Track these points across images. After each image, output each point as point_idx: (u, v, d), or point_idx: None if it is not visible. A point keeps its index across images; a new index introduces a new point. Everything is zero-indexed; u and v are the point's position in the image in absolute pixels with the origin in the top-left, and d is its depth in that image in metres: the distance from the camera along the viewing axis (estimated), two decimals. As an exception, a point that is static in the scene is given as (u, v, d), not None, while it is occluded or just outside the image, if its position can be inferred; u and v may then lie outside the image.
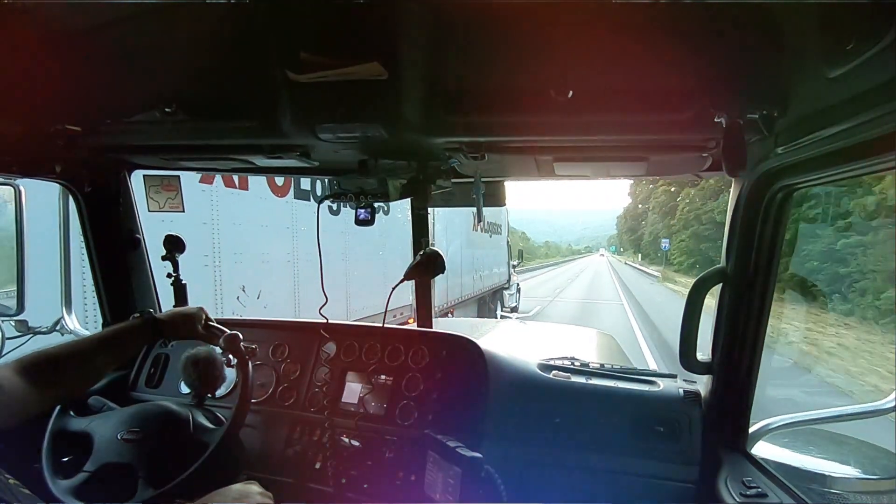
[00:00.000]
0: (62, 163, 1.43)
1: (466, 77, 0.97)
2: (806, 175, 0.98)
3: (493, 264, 10.47)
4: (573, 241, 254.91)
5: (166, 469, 1.13)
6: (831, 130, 0.79)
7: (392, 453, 1.37)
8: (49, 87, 1.08)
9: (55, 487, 1.15)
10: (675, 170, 1.41)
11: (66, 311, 1.82)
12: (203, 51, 0.96)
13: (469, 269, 8.79)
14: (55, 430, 1.25)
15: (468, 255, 8.72)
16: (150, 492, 1.11)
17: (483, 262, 9.66)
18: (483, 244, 9.73)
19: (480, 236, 9.59)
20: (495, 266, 10.63)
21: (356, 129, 1.09)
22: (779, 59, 0.82)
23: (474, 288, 9.12)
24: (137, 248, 1.72)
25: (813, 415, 1.28)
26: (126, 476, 1.15)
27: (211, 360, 1.35)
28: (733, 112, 0.89)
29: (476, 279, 9.19)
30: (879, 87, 0.66)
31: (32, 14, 0.84)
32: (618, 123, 1.04)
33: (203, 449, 1.15)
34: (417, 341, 1.53)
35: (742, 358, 1.23)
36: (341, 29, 0.87)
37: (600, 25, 0.84)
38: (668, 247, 40.74)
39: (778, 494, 1.07)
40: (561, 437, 1.36)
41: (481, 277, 9.50)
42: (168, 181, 1.66)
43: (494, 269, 10.54)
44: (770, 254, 1.15)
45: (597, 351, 2.95)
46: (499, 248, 10.99)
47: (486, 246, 9.99)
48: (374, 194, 1.36)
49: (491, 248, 10.33)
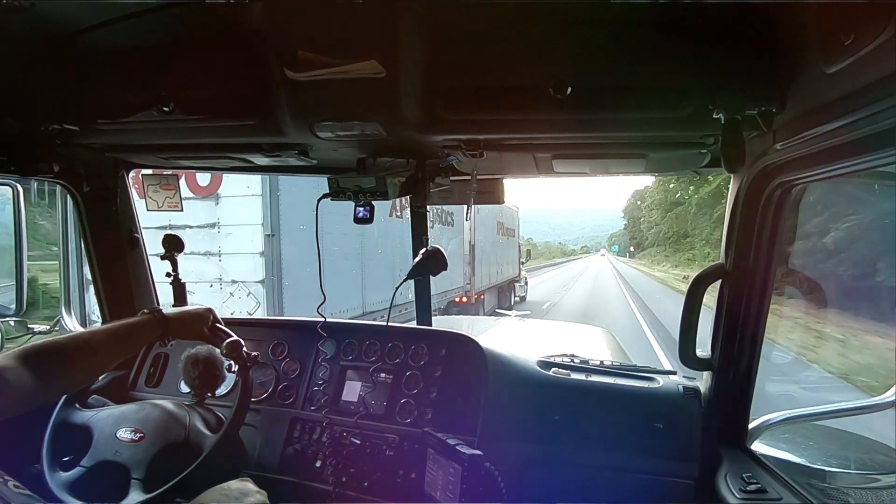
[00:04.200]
0: (60, 162, 1.42)
1: (465, 74, 0.97)
2: (804, 171, 0.98)
3: (509, 261, 13.23)
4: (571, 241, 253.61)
5: (159, 473, 1.13)
6: (830, 126, 0.79)
7: (392, 451, 1.37)
8: (47, 86, 1.08)
9: (52, 479, 1.16)
10: (674, 166, 1.41)
11: (66, 311, 1.82)
12: (201, 49, 0.96)
13: (494, 263, 11.52)
14: (58, 420, 1.26)
15: (493, 254, 11.46)
16: (140, 495, 1.11)
17: (503, 259, 12.44)
18: (503, 244, 12.52)
19: (501, 238, 12.31)
20: (511, 262, 13.41)
21: (354, 127, 1.09)
22: (777, 55, 0.82)
23: (498, 278, 12.02)
24: (136, 247, 1.72)
25: (813, 410, 1.28)
26: (120, 476, 1.15)
27: (211, 359, 1.35)
28: (732, 108, 0.89)
29: (498, 272, 12.01)
30: (878, 82, 0.66)
31: (31, 14, 0.84)
32: (616, 120, 1.04)
33: (197, 455, 1.15)
34: (417, 339, 1.53)
35: (741, 354, 1.23)
36: (339, 27, 0.87)
37: (599, 23, 0.85)
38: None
39: (778, 490, 1.07)
40: (561, 434, 1.36)
41: (501, 271, 12.28)
42: (166, 180, 1.66)
43: (511, 265, 13.34)
44: (769, 250, 1.15)
45: (596, 348, 2.96)
46: (513, 247, 13.76)
47: (505, 246, 12.80)
48: (372, 192, 1.36)
49: (508, 247, 13.13)
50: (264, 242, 4.66)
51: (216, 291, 4.78)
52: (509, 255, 13.22)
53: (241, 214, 4.65)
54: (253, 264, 4.70)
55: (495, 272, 11.63)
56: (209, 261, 4.78)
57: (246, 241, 4.67)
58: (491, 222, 11.23)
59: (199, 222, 4.69)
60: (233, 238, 4.78)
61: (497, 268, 11.77)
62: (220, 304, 4.66)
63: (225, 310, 4.61)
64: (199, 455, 1.15)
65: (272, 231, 4.66)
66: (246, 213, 4.64)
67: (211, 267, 4.75)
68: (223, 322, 1.29)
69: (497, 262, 11.77)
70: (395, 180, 1.35)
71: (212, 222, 4.71)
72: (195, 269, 4.70)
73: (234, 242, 4.78)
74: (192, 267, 4.61)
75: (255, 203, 4.62)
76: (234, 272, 4.74)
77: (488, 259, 10.98)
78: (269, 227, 4.63)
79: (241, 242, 4.71)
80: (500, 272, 12.18)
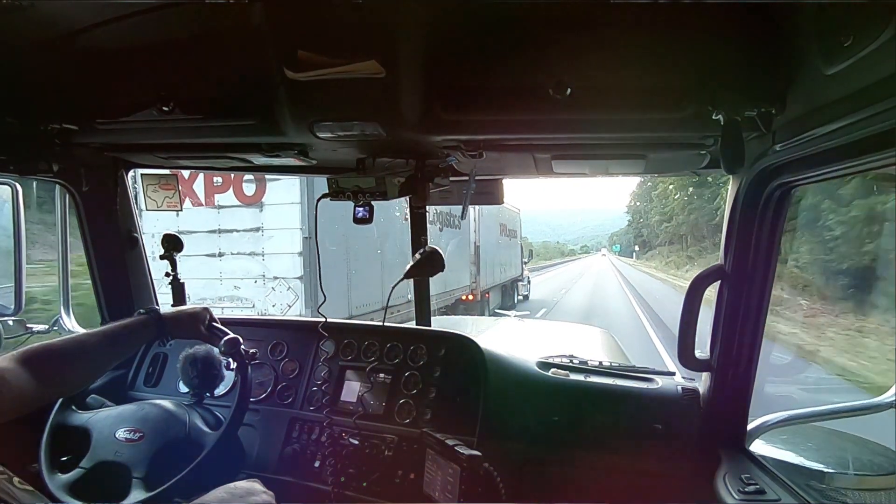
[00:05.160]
0: (60, 162, 1.42)
1: (464, 75, 0.97)
2: (804, 172, 0.98)
3: (512, 261, 13.86)
4: (571, 241, 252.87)
5: (161, 471, 1.13)
6: (829, 127, 0.79)
7: (391, 452, 1.37)
8: (46, 85, 1.08)
9: (51, 482, 1.15)
10: (673, 167, 1.41)
11: (64, 311, 1.82)
12: (201, 49, 0.96)
13: (498, 264, 12.09)
14: (55, 423, 1.26)
15: (497, 254, 12.00)
16: (142, 494, 1.11)
17: (506, 259, 13.08)
18: (506, 245, 13.11)
19: (504, 239, 12.83)
20: (514, 262, 14.02)
21: (354, 128, 1.09)
22: (777, 56, 0.82)
23: (502, 277, 12.68)
24: (135, 247, 1.72)
25: (811, 411, 1.28)
26: (121, 476, 1.15)
27: (209, 359, 1.35)
28: (731, 109, 0.89)
29: (502, 271, 12.60)
30: (878, 83, 0.66)
31: (30, 13, 0.84)
32: (616, 121, 1.04)
33: (198, 452, 1.15)
34: (416, 339, 1.53)
35: (740, 355, 1.23)
36: (339, 27, 0.87)
37: (599, 23, 0.85)
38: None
39: (776, 491, 1.07)
40: (560, 434, 1.36)
41: (504, 270, 12.88)
42: (166, 180, 1.66)
43: (513, 264, 13.95)
44: (768, 251, 1.15)
45: (595, 348, 2.95)
46: (516, 248, 14.37)
47: (508, 247, 13.42)
48: (372, 193, 1.36)
49: (510, 248, 13.75)
50: (302, 244, 5.29)
51: (260, 286, 5.47)
52: (512, 255, 13.89)
53: (282, 219, 5.31)
54: (292, 263, 5.34)
55: (499, 272, 12.27)
56: (254, 260, 5.49)
57: (286, 242, 5.34)
58: (494, 224, 11.78)
59: (246, 227, 5.46)
60: (275, 240, 5.45)
61: (501, 267, 12.41)
62: (264, 297, 5.41)
63: (268, 302, 5.40)
64: (201, 452, 1.15)
65: (309, 234, 5.26)
66: (286, 219, 5.29)
67: (256, 265, 5.46)
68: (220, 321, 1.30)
69: (500, 263, 12.41)
70: (394, 180, 1.35)
71: (256, 226, 5.43)
72: (242, 267, 5.48)
73: (275, 244, 5.44)
74: (239, 265, 5.48)
75: (294, 210, 5.25)
76: (275, 269, 5.42)
77: (492, 259, 11.54)
78: (306, 230, 5.26)
79: (281, 244, 5.36)
80: (504, 272, 12.85)
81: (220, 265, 5.55)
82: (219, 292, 5.52)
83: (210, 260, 5.51)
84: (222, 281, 5.56)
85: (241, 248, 5.49)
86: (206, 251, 5.49)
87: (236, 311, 5.41)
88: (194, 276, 5.34)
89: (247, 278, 5.52)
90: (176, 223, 5.08)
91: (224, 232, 5.50)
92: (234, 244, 5.51)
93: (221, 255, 5.55)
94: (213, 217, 5.50)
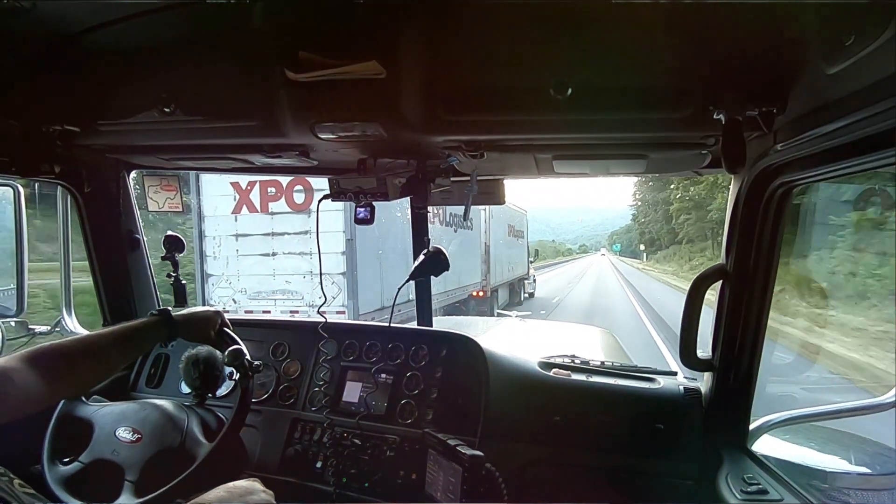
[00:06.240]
0: (62, 163, 1.42)
1: (465, 75, 0.97)
2: (805, 172, 0.98)
3: (519, 260, 14.57)
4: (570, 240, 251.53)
5: (151, 478, 1.13)
6: (830, 127, 0.79)
7: (393, 452, 1.37)
8: (48, 87, 1.08)
9: (50, 473, 1.16)
10: (674, 167, 1.41)
11: (66, 312, 1.82)
12: (202, 50, 0.96)
13: (506, 262, 12.74)
14: (63, 412, 1.26)
15: (505, 253, 12.67)
16: (131, 499, 1.11)
17: (514, 258, 13.77)
18: (513, 245, 13.81)
19: (511, 239, 13.54)
20: (520, 261, 14.70)
21: (355, 128, 1.09)
22: (778, 55, 0.82)
23: (511, 276, 13.40)
24: (137, 248, 1.72)
25: (813, 411, 1.28)
26: (114, 476, 1.15)
27: (212, 360, 1.35)
28: (732, 109, 0.89)
29: (510, 270, 13.33)
30: (879, 83, 0.66)
31: (32, 15, 0.84)
32: (617, 121, 1.04)
33: (189, 464, 1.15)
34: (417, 340, 1.53)
35: (742, 355, 1.23)
36: (340, 27, 0.87)
37: (599, 23, 0.84)
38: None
39: (779, 491, 1.07)
40: (562, 434, 1.36)
41: (512, 269, 13.60)
42: (167, 181, 1.66)
43: (520, 263, 14.62)
44: (770, 250, 1.15)
45: (597, 348, 2.95)
46: (522, 248, 15.08)
47: (515, 247, 14.12)
48: (373, 193, 1.36)
49: (517, 248, 14.44)
50: (345, 245, 6.22)
51: (308, 281, 6.37)
52: (519, 254, 14.58)
53: (328, 224, 6.12)
54: (336, 261, 6.24)
55: (507, 270, 12.97)
56: (303, 259, 6.36)
57: (331, 243, 6.19)
58: (502, 225, 12.46)
59: (296, 230, 6.36)
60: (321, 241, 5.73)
61: (509, 266, 13.09)
62: (311, 290, 6.32)
63: (314, 294, 6.24)
64: (192, 464, 1.14)
65: (350, 236, 6.18)
66: (331, 223, 6.11)
67: (304, 263, 6.36)
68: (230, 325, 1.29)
69: (509, 261, 13.10)
70: (395, 181, 1.35)
71: (305, 230, 6.31)
72: (293, 265, 6.36)
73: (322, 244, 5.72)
74: (290, 263, 6.37)
75: (338, 216, 6.06)
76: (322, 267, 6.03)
77: (501, 258, 12.18)
78: (348, 233, 6.16)
79: (327, 244, 6.16)
80: (512, 270, 13.53)
81: (274, 263, 6.45)
82: (272, 287, 6.49)
83: (265, 259, 6.47)
84: (275, 277, 6.46)
85: (291, 249, 6.36)
86: (261, 251, 6.46)
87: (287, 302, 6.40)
88: (251, 273, 6.52)
89: (296, 274, 6.38)
90: (235, 227, 6.46)
91: (277, 235, 6.41)
92: (286, 245, 6.39)
93: (274, 254, 6.44)
94: (268, 222, 6.42)
